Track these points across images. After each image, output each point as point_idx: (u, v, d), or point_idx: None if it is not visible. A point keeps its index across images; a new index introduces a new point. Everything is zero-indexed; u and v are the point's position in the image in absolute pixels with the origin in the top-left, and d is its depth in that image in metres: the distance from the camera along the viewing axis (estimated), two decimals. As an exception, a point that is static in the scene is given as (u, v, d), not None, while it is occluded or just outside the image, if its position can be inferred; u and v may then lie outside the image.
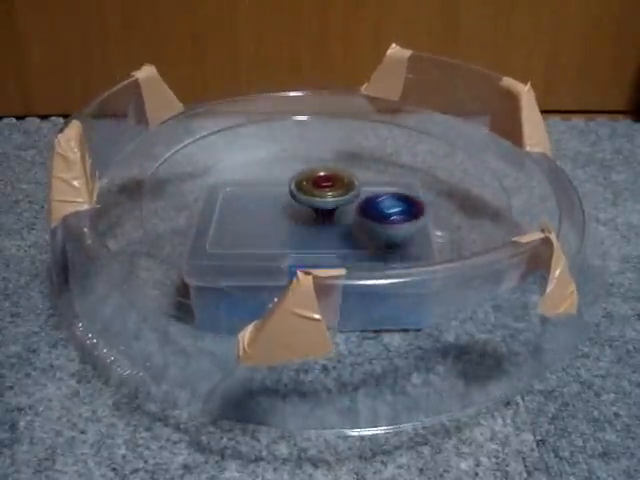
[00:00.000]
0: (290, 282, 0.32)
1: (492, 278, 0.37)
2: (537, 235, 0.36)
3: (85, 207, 0.42)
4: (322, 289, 0.32)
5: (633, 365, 0.43)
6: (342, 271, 0.33)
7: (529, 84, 0.51)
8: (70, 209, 0.42)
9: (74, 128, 0.44)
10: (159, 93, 0.54)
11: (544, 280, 0.36)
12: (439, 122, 0.59)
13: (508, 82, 0.52)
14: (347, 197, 0.47)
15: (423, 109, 0.59)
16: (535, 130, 0.50)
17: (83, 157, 0.44)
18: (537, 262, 0.36)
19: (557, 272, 0.36)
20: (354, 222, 0.47)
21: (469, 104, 0.56)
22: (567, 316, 0.37)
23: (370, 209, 0.45)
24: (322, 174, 0.49)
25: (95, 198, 0.44)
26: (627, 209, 0.59)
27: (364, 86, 0.60)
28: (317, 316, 0.32)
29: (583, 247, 0.41)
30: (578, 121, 0.75)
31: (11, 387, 0.41)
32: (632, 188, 0.62)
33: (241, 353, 0.33)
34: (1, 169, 0.66)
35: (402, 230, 0.45)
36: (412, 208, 0.45)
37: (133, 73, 0.53)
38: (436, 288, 0.37)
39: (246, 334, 0.33)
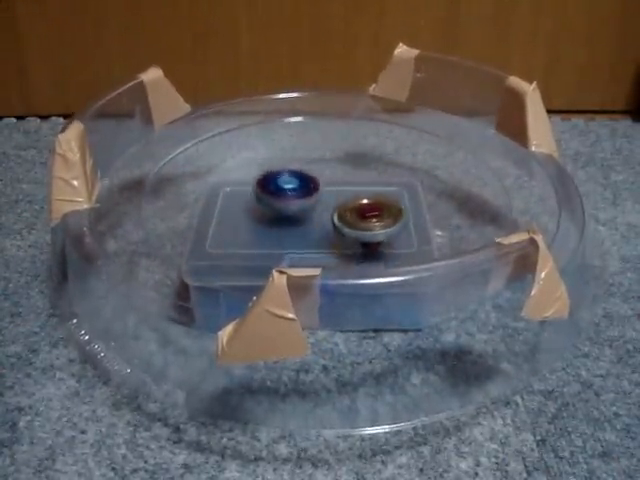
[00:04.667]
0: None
1: (477, 280, 0.37)
2: (522, 236, 0.35)
3: (84, 206, 0.43)
4: (297, 288, 0.32)
5: (633, 365, 0.43)
6: (317, 271, 0.32)
7: (535, 83, 0.50)
8: (69, 208, 0.42)
9: (75, 129, 0.45)
10: (165, 95, 0.54)
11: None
12: (443, 122, 0.59)
13: (514, 81, 0.51)
14: (396, 228, 0.44)
15: (429, 108, 0.58)
16: (540, 130, 0.50)
17: (83, 157, 0.44)
18: (525, 264, 0.35)
19: (543, 274, 0.35)
20: (254, 195, 0.48)
21: (475, 103, 0.56)
22: (557, 320, 0.37)
23: (268, 184, 0.48)
24: (366, 202, 0.46)
25: (95, 198, 0.45)
26: (627, 209, 0.59)
27: (372, 87, 0.60)
28: (291, 315, 0.32)
29: (581, 249, 0.41)
30: (578, 121, 0.75)
31: (11, 387, 0.41)
32: (632, 188, 0.62)
33: (220, 352, 0.33)
34: (1, 169, 0.66)
35: (294, 205, 0.47)
36: (308, 185, 0.48)
37: (138, 75, 0.53)
38: (417, 289, 0.37)
39: (225, 333, 0.33)
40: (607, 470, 0.36)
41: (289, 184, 0.48)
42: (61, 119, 0.75)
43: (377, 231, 0.43)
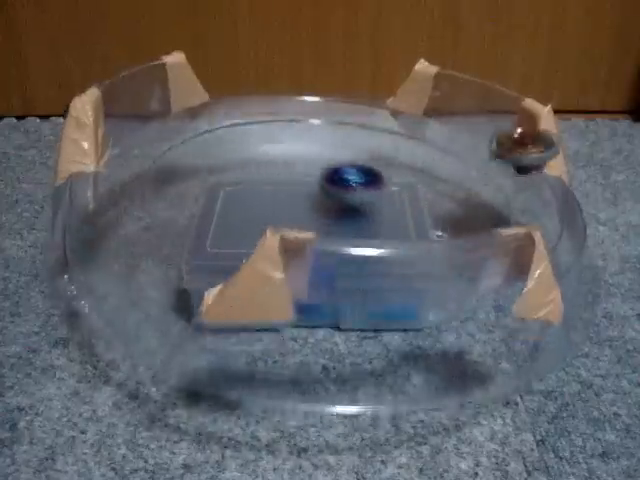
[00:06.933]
0: None
1: (475, 274, 0.36)
2: (520, 229, 0.35)
3: (91, 169, 0.43)
4: (290, 251, 0.32)
5: (633, 365, 0.43)
6: (312, 235, 0.32)
7: (549, 106, 0.50)
8: (76, 168, 0.43)
9: (91, 94, 0.45)
10: (185, 80, 0.54)
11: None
12: (453, 138, 0.59)
13: (529, 103, 0.52)
14: (549, 153, 0.46)
15: (442, 124, 0.59)
16: None
17: (96, 123, 0.44)
18: (522, 262, 0.35)
19: (537, 272, 0.34)
20: (320, 188, 0.49)
21: (490, 123, 0.56)
22: (550, 324, 0.36)
23: (335, 177, 0.50)
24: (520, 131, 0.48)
25: (104, 163, 0.45)
26: (627, 209, 0.59)
27: (390, 99, 0.60)
28: (280, 275, 0.32)
29: (579, 263, 0.41)
30: (578, 121, 0.75)
31: (11, 387, 0.41)
32: (632, 188, 0.62)
33: (204, 309, 0.33)
34: (1, 169, 0.66)
35: (361, 196, 0.49)
36: (374, 180, 0.50)
37: (162, 57, 0.53)
38: (407, 266, 0.37)
39: (213, 291, 0.33)
40: (607, 470, 0.36)
41: (355, 177, 0.50)
42: (61, 119, 0.75)
43: (533, 155, 0.46)
